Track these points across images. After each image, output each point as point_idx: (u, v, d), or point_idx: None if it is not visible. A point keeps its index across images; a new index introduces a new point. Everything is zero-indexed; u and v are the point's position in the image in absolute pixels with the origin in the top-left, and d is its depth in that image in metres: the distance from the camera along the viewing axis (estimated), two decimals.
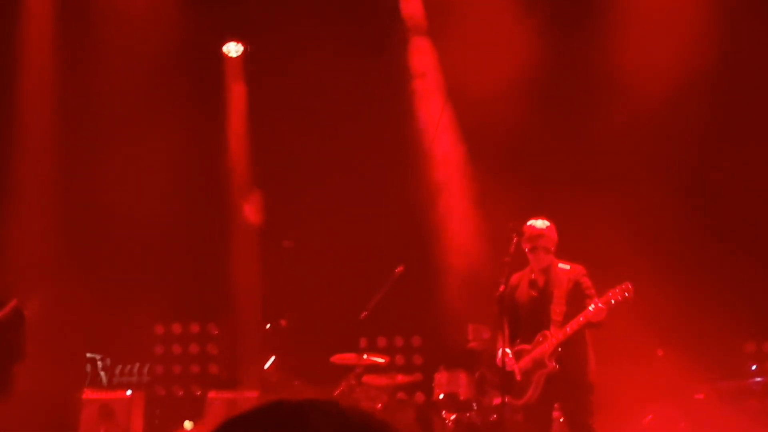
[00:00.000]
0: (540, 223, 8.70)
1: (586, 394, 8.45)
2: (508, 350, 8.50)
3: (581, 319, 8.34)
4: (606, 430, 10.00)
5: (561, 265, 8.68)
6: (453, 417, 10.21)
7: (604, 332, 9.55)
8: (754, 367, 10.28)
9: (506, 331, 8.57)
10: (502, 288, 8.60)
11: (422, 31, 12.72)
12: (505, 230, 8.93)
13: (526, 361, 8.55)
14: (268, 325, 11.80)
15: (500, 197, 11.03)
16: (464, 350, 10.61)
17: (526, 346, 8.58)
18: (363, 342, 12.21)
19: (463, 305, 11.56)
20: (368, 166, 12.43)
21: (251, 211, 12.95)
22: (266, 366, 12.09)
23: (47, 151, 12.78)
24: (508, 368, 8.43)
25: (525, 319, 8.61)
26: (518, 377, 8.54)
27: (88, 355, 12.40)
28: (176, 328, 13.09)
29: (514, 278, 8.79)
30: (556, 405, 8.68)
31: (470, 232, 12.05)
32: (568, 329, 8.39)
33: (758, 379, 10.10)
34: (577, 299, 8.49)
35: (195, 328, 13.13)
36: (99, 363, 12.37)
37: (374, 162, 12.39)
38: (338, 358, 10.66)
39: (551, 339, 8.47)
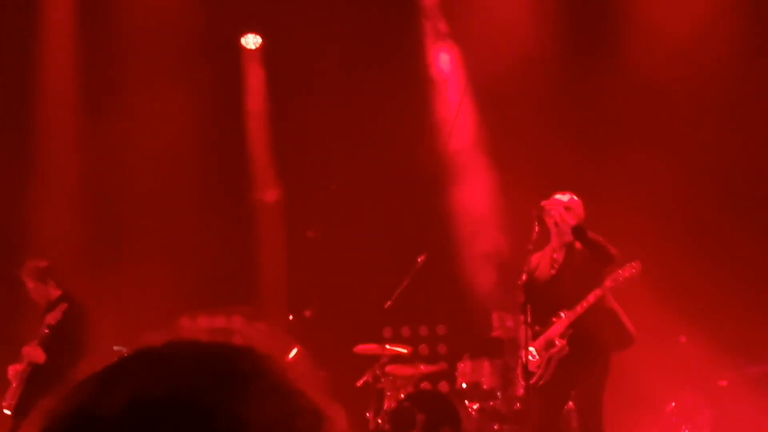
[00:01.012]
0: (566, 197, 8.63)
1: (600, 374, 8.35)
2: (532, 348, 8.46)
3: (591, 298, 8.28)
4: (628, 417, 9.96)
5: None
6: (476, 406, 10.19)
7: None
8: None
9: (529, 320, 8.51)
10: (525, 277, 8.55)
11: (438, 14, 12.69)
12: (528, 216, 8.89)
13: (538, 342, 8.48)
14: (291, 317, 11.80)
15: (522, 181, 10.96)
16: (488, 339, 10.58)
17: (539, 328, 8.52)
18: (387, 332, 12.20)
19: (487, 293, 11.52)
20: (390, 155, 12.40)
21: (266, 190, 12.92)
22: (289, 357, 12.11)
23: (67, 146, 12.87)
24: (530, 368, 8.38)
25: (543, 299, 8.49)
26: (531, 358, 8.45)
27: (115, 347, 12.43)
28: (199, 321, 13.11)
29: (534, 258, 8.70)
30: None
31: (493, 217, 11.99)
32: (578, 309, 8.33)
33: None
34: (593, 275, 8.40)
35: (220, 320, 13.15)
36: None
37: (396, 150, 12.37)
38: (361, 349, 10.68)
39: (563, 319, 8.41)
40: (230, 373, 1.14)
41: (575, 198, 8.68)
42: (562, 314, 8.42)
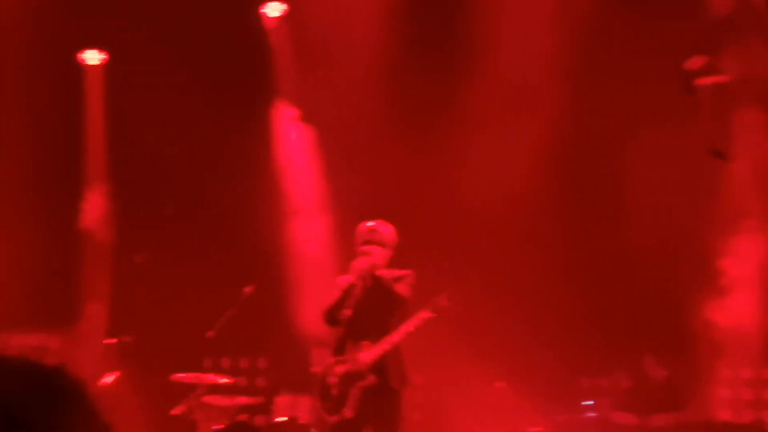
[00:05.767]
0: (373, 222, 8.43)
1: (397, 407, 8.13)
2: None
3: (411, 328, 8.03)
4: None
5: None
6: None
7: (444, 358, 9.50)
8: (588, 402, 10.39)
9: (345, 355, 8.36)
10: (350, 312, 8.29)
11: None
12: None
13: (341, 374, 8.23)
14: (113, 341, 11.51)
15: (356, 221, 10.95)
16: (308, 374, 10.47)
17: (342, 357, 8.28)
18: (207, 362, 11.99)
19: (311, 329, 11.45)
20: (224, 185, 12.32)
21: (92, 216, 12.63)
22: (108, 381, 11.80)
23: None
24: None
25: (347, 326, 8.24)
26: (333, 391, 8.23)
27: None
28: (14, 339, 12.67)
29: (342, 282, 8.50)
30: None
31: (323, 255, 11.94)
32: (394, 338, 8.03)
33: (592, 414, 10.22)
34: (393, 306, 8.16)
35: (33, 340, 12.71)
36: None
37: (230, 180, 12.29)
38: (180, 378, 10.43)
39: (373, 350, 8.12)
40: (46, 389, 1.12)
41: (385, 223, 8.50)
42: (366, 344, 8.17)
